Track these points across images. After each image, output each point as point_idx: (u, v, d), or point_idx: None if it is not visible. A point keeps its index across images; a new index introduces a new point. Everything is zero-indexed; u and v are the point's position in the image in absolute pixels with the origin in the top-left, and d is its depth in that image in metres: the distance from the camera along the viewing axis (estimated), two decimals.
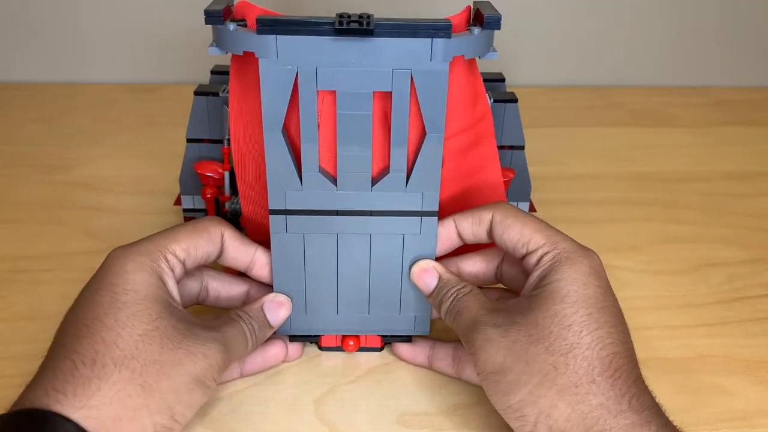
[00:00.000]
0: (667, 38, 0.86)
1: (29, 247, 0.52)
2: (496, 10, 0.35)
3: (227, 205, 0.48)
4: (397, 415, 0.39)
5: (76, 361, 0.31)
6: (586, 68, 0.87)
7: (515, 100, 0.47)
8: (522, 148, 0.49)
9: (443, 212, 0.39)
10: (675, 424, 0.32)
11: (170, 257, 0.36)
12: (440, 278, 0.38)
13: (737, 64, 0.88)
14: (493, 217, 0.37)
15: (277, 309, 0.39)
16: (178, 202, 0.52)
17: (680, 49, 0.87)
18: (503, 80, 0.51)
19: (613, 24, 0.84)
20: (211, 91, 0.47)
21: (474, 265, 0.40)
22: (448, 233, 0.39)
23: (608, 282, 0.35)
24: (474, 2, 0.37)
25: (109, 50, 0.81)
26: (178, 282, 0.36)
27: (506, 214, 0.37)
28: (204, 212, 0.51)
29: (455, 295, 0.37)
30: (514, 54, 0.83)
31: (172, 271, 0.36)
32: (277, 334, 0.41)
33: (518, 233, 0.36)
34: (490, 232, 0.38)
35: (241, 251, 0.39)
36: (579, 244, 0.36)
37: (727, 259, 0.53)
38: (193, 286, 0.39)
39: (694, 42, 0.86)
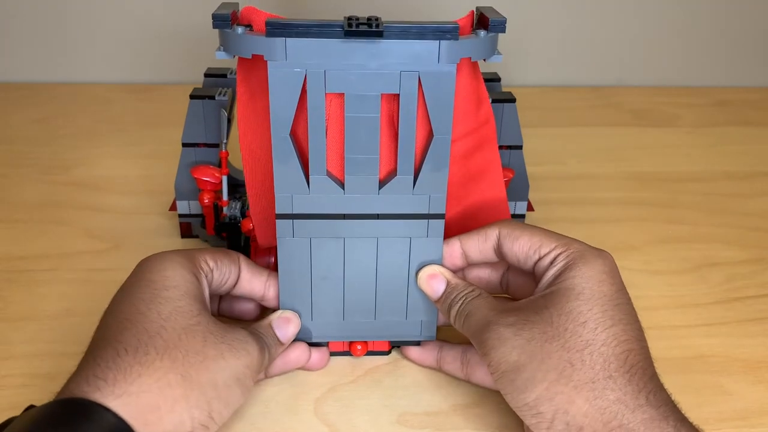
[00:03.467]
0: (667, 38, 0.86)
1: (29, 247, 0.52)
2: (500, 14, 0.35)
3: (225, 210, 0.48)
4: (397, 415, 0.39)
5: (118, 348, 0.31)
6: (586, 68, 0.87)
7: (513, 100, 0.47)
8: (520, 147, 0.49)
9: (446, 219, 0.39)
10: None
11: (203, 263, 0.37)
12: (448, 283, 0.38)
13: (737, 64, 0.88)
14: (499, 232, 0.38)
15: (285, 326, 0.39)
16: (173, 207, 0.51)
17: (681, 49, 0.87)
18: (499, 80, 0.51)
19: (613, 24, 0.84)
20: (207, 95, 0.47)
21: (479, 274, 0.41)
22: (452, 253, 0.39)
23: (622, 280, 0.36)
24: (477, 7, 0.37)
25: (109, 50, 0.82)
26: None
27: (513, 227, 0.38)
28: (200, 217, 0.51)
29: (464, 298, 0.37)
30: (514, 54, 0.83)
31: (205, 276, 0.37)
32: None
33: (528, 241, 0.37)
34: (498, 247, 0.38)
35: (255, 277, 0.40)
36: (591, 246, 0.36)
37: (727, 259, 0.53)
38: None
39: (695, 42, 0.86)
